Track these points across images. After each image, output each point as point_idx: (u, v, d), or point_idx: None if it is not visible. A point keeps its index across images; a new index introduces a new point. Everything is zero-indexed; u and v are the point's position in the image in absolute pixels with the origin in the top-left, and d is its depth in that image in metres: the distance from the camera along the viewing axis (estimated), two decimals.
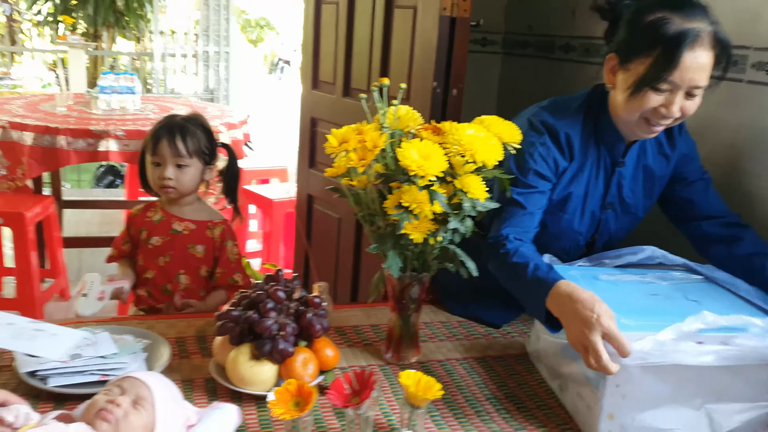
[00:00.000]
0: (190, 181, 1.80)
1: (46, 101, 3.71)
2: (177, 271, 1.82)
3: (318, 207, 2.46)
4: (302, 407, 1.11)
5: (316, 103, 2.40)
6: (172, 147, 1.75)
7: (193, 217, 1.85)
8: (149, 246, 1.82)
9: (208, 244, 1.84)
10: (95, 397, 1.07)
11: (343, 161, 1.31)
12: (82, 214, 4.62)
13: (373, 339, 1.57)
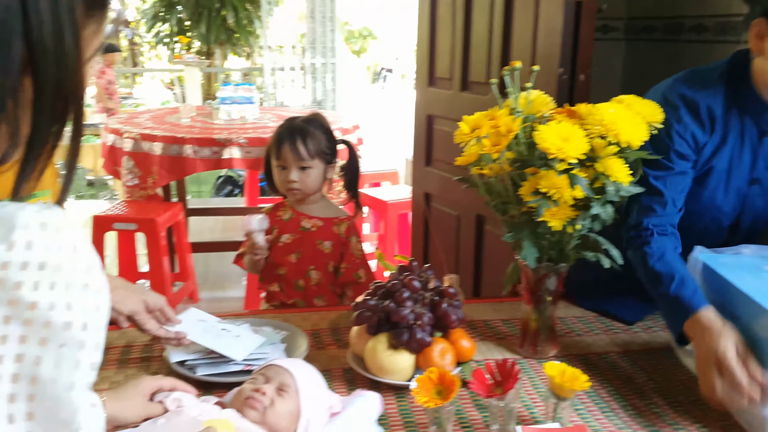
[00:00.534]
0: (314, 181, 1.85)
1: (171, 114, 3.92)
2: (308, 267, 1.86)
3: (435, 205, 2.45)
4: (445, 396, 1.10)
5: (432, 100, 2.40)
6: (294, 151, 1.81)
7: (320, 215, 1.89)
8: (280, 243, 1.87)
9: (335, 240, 1.88)
10: (242, 385, 1.11)
11: (474, 149, 1.29)
12: (204, 221, 4.84)
13: (506, 333, 1.53)
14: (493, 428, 1.14)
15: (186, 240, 3.49)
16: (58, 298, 0.51)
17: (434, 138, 2.40)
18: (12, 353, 0.50)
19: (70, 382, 0.53)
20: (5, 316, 0.49)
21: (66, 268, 0.52)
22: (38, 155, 0.56)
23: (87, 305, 0.54)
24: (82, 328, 0.53)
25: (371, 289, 1.33)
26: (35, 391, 0.51)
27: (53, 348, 0.51)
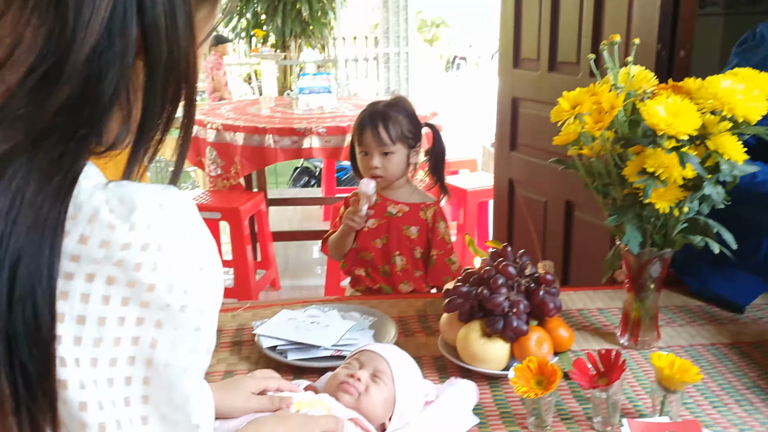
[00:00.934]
0: (397, 167, 1.82)
1: (251, 105, 3.97)
2: (393, 253, 1.84)
3: (520, 191, 2.38)
4: (545, 386, 1.05)
5: (518, 82, 2.33)
6: (376, 136, 1.78)
7: (406, 200, 1.86)
8: (365, 229, 1.85)
9: (422, 225, 1.84)
10: (336, 370, 1.09)
11: (572, 128, 1.23)
12: (283, 211, 4.91)
13: (603, 323, 1.46)
14: (596, 421, 1.08)
15: (268, 229, 3.53)
16: (176, 280, 0.50)
17: (519, 121, 2.32)
18: (129, 335, 0.49)
19: (184, 366, 0.52)
20: (124, 298, 0.48)
21: (184, 250, 0.51)
22: (149, 139, 0.55)
23: (203, 289, 0.52)
24: (198, 311, 0.52)
25: (462, 276, 1.28)
26: (150, 374, 0.50)
27: (169, 331, 0.50)
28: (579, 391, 1.19)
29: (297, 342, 1.32)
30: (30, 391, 0.44)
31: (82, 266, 0.46)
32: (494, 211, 2.57)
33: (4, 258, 0.43)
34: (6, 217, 0.43)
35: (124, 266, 0.47)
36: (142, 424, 0.50)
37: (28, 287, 0.43)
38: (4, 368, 0.43)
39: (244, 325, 1.45)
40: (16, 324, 0.43)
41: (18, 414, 0.43)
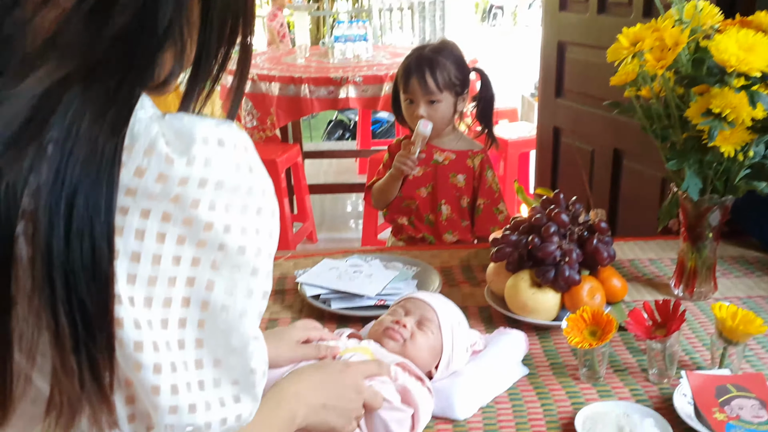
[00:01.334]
0: (443, 116, 1.75)
1: (287, 55, 3.91)
2: (439, 202, 1.79)
3: (566, 140, 2.30)
4: (600, 337, 1.01)
5: (564, 25, 2.22)
6: (423, 84, 1.71)
7: (452, 147, 1.80)
8: (410, 177, 1.79)
9: (469, 173, 1.78)
10: (381, 317, 1.06)
11: (630, 67, 1.16)
12: (318, 164, 4.88)
13: (655, 273, 1.41)
14: (651, 373, 1.04)
15: (304, 181, 3.51)
16: (234, 220, 0.47)
17: (566, 67, 2.23)
18: (184, 276, 0.47)
19: (242, 309, 0.49)
20: (180, 236, 0.46)
21: (242, 189, 0.48)
22: (204, 78, 0.53)
23: (261, 230, 0.50)
24: (255, 253, 0.49)
25: (511, 224, 1.24)
26: (205, 317, 0.48)
27: (226, 273, 0.48)
28: (632, 342, 1.15)
29: (340, 291, 1.29)
30: (89, 329, 0.42)
31: (138, 201, 0.44)
32: (537, 161, 2.50)
33: (61, 190, 0.41)
34: (62, 147, 0.41)
35: (180, 203, 0.45)
36: (196, 368, 0.48)
37: (86, 221, 0.41)
38: (63, 305, 0.41)
39: (286, 275, 1.43)
40: (74, 259, 0.41)
41: (77, 353, 0.42)
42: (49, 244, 0.40)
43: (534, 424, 0.95)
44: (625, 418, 0.91)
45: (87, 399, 0.44)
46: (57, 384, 0.43)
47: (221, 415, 0.50)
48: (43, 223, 0.40)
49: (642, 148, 1.96)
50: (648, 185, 1.96)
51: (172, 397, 0.46)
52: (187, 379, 0.48)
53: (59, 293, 0.40)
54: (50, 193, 0.40)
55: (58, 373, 0.42)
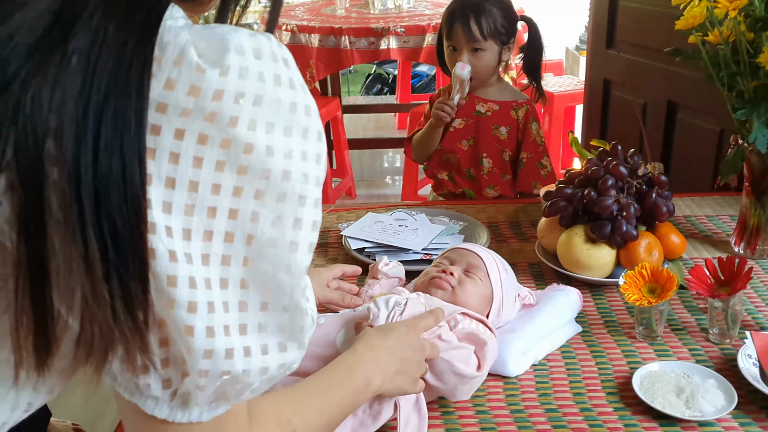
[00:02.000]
0: (487, 65, 1.68)
1: (327, 6, 3.83)
2: (480, 155, 1.73)
3: (617, 93, 2.21)
4: (659, 294, 0.97)
5: None
6: (467, 31, 1.63)
7: (496, 98, 1.73)
8: (451, 129, 1.74)
9: (513, 125, 1.72)
10: (427, 269, 1.04)
11: (697, 10, 1.09)
12: (357, 119, 4.83)
13: (713, 230, 1.35)
14: (712, 332, 1.00)
15: (344, 136, 3.47)
16: (277, 142, 0.42)
17: (618, 16, 2.13)
18: (226, 207, 0.42)
19: (292, 242, 0.45)
20: (219, 162, 0.41)
21: (284, 106, 0.42)
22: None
23: (307, 153, 0.44)
24: (302, 179, 0.44)
25: (565, 177, 1.19)
26: (251, 253, 0.44)
27: (271, 202, 0.43)
28: (689, 300, 1.10)
29: (385, 245, 1.27)
30: (120, 254, 0.38)
31: (170, 119, 0.39)
32: (585, 115, 2.41)
33: (87, 102, 0.37)
34: (88, 54, 0.37)
35: (217, 121, 0.40)
36: (239, 310, 0.45)
37: (116, 135, 0.37)
38: (93, 227, 0.37)
39: (330, 228, 1.41)
40: (104, 176, 0.37)
41: (109, 279, 0.39)
42: (77, 161, 0.36)
43: (589, 383, 0.92)
44: (686, 379, 0.88)
45: (120, 332, 0.40)
46: (88, 314, 0.40)
47: (262, 363, 0.46)
48: (70, 138, 0.36)
49: (698, 101, 1.87)
50: (703, 139, 1.87)
51: (207, 340, 0.43)
52: (225, 321, 0.44)
53: (88, 213, 0.37)
54: (77, 106, 0.36)
55: (89, 301, 0.39)
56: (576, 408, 0.87)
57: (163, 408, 0.47)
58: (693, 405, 0.83)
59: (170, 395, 0.47)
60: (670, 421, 0.83)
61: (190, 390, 0.46)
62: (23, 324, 0.40)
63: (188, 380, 0.45)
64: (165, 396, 0.47)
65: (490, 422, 0.85)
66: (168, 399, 0.47)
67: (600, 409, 0.86)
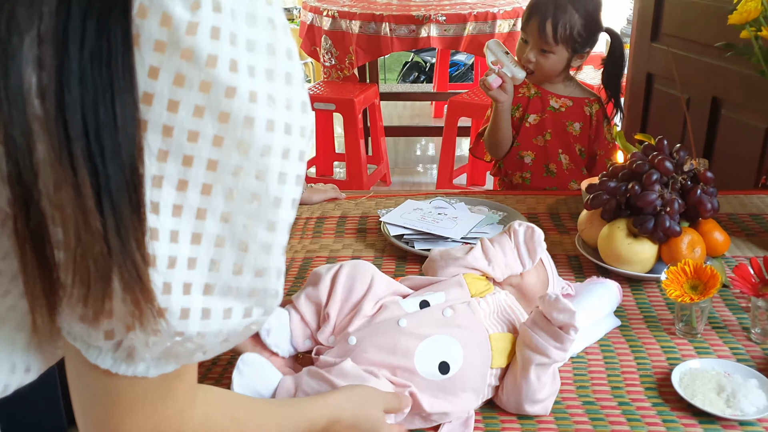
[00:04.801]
0: (552, 67, 1.62)
1: None
2: (557, 150, 1.69)
3: (659, 87, 2.18)
4: (702, 291, 0.96)
5: None
6: (541, 30, 1.58)
7: (568, 94, 1.68)
8: (526, 124, 1.69)
9: (586, 121, 1.67)
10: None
11: (752, 4, 1.07)
12: (393, 107, 4.83)
13: (757, 229, 1.33)
14: (754, 332, 0.99)
15: (380, 123, 3.47)
16: (259, 86, 0.39)
17: (664, 8, 2.09)
18: (204, 156, 0.39)
19: (276, 197, 0.42)
20: (197, 106, 0.38)
21: (263, 47, 0.40)
22: None
23: (291, 101, 0.41)
24: (285, 130, 0.41)
25: (609, 170, 1.18)
26: (230, 208, 0.41)
27: (255, 155, 0.40)
28: (731, 299, 1.09)
29: (424, 232, 1.28)
30: (111, 181, 0.36)
31: (144, 54, 0.36)
32: (627, 109, 2.38)
33: (67, 24, 0.35)
34: None
35: (194, 59, 0.37)
36: (209, 269, 0.42)
37: (100, 58, 0.35)
38: (82, 152, 0.35)
39: (368, 213, 1.43)
40: (88, 101, 0.35)
41: (101, 211, 0.36)
42: (60, 85, 0.34)
43: (627, 377, 0.91)
44: (726, 378, 0.87)
45: (116, 264, 0.38)
46: (81, 249, 0.37)
47: (221, 327, 0.44)
48: (53, 62, 0.34)
49: (744, 97, 1.84)
50: (748, 136, 1.84)
51: (161, 296, 0.40)
52: (187, 278, 0.41)
53: (76, 140, 0.35)
54: (57, 19, 0.34)
55: (82, 236, 0.37)
56: (614, 401, 0.87)
57: (106, 358, 0.45)
58: (734, 404, 0.83)
59: (113, 346, 0.44)
60: (709, 419, 0.83)
61: (135, 345, 0.43)
62: (29, 267, 0.39)
63: (133, 335, 0.42)
64: (108, 346, 0.44)
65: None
66: (111, 350, 0.44)
67: (638, 404, 0.86)
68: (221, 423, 0.57)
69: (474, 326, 0.86)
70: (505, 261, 0.95)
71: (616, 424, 0.83)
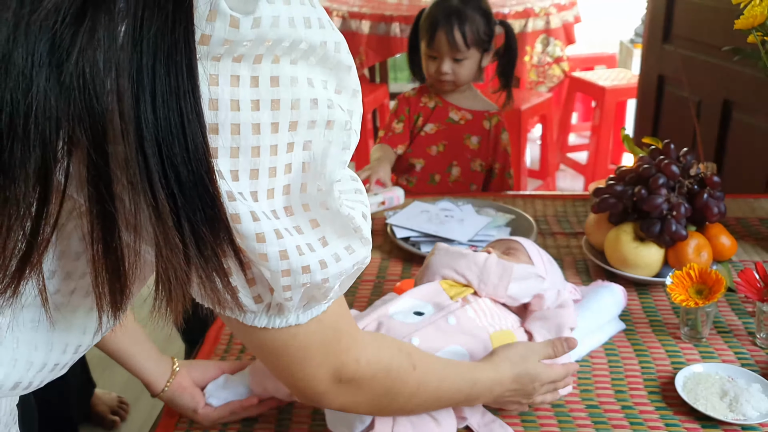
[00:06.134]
0: (468, 72, 1.66)
1: None
2: (451, 162, 1.71)
3: (671, 89, 2.17)
4: (707, 296, 0.96)
5: None
6: (450, 40, 1.59)
7: (469, 106, 1.71)
8: (422, 133, 1.72)
9: (484, 135, 1.71)
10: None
11: (758, 9, 1.07)
12: None
13: (766, 234, 1.33)
14: (759, 336, 0.99)
15: None
16: (315, 74, 0.45)
17: (676, 10, 2.08)
18: (284, 142, 0.44)
19: (340, 161, 0.48)
20: (273, 101, 0.43)
21: (316, 46, 0.44)
22: None
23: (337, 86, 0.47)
24: (328, 105, 0.46)
25: (616, 174, 1.18)
26: (306, 179, 0.47)
27: (319, 131, 0.46)
28: (737, 303, 1.09)
29: (431, 234, 1.28)
30: (189, 202, 0.40)
31: (203, 63, 0.40)
32: (638, 111, 2.37)
33: (141, 58, 0.37)
34: (134, 14, 0.37)
35: (263, 62, 0.42)
36: (311, 228, 0.49)
37: (170, 89, 0.38)
38: (160, 179, 0.39)
39: (375, 216, 1.43)
40: (164, 129, 0.38)
41: (180, 228, 0.40)
42: (138, 118, 0.38)
43: (631, 381, 0.92)
44: (730, 382, 0.87)
45: (196, 274, 0.43)
46: (162, 261, 0.42)
47: (338, 269, 0.50)
48: (129, 96, 0.37)
49: (756, 100, 1.83)
50: (759, 140, 1.83)
51: (281, 262, 0.46)
52: (297, 242, 0.47)
53: (154, 166, 0.38)
54: (131, 65, 0.37)
55: (163, 250, 0.41)
56: (617, 405, 0.87)
57: (261, 318, 0.53)
58: (736, 408, 0.83)
59: (264, 308, 0.52)
60: (712, 423, 0.83)
61: (280, 301, 0.51)
62: (101, 273, 0.42)
63: (276, 294, 0.50)
64: (260, 309, 0.52)
65: (530, 415, 0.86)
66: (264, 311, 0.52)
67: (641, 408, 0.87)
68: (396, 356, 0.66)
69: (476, 329, 0.87)
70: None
71: (619, 428, 0.83)
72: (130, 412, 1.93)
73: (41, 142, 0.37)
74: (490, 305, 0.93)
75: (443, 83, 1.68)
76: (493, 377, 0.77)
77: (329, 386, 0.60)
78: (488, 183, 1.76)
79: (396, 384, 0.66)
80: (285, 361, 0.57)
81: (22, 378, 0.51)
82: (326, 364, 0.58)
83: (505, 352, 0.79)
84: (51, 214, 0.39)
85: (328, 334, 0.57)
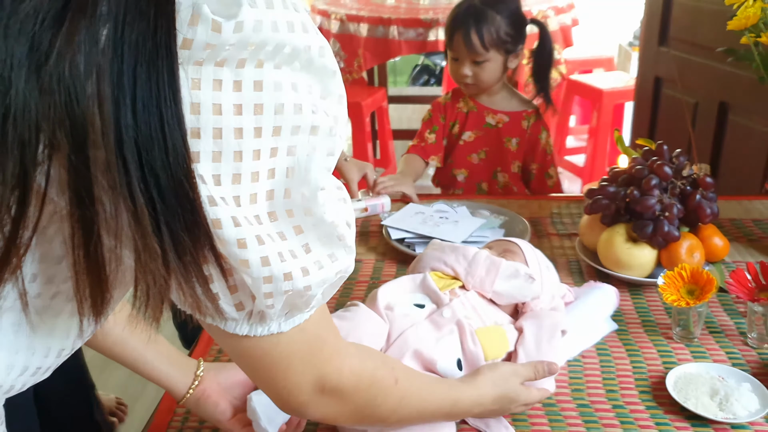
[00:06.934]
0: (490, 76, 1.60)
1: None
2: (495, 169, 1.68)
3: (667, 91, 2.18)
4: (698, 296, 0.97)
5: None
6: (467, 42, 1.54)
7: (505, 108, 1.66)
8: (461, 142, 1.68)
9: (522, 136, 1.65)
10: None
11: (751, 11, 1.07)
12: (402, 109, 4.83)
13: (759, 235, 1.33)
14: (750, 336, 1.00)
15: (389, 126, 3.49)
16: (301, 79, 0.45)
17: (672, 12, 2.09)
18: (267, 146, 0.44)
19: (324, 167, 0.47)
20: (256, 105, 0.42)
21: (300, 50, 0.44)
22: None
23: (313, 87, 0.46)
24: (311, 110, 0.46)
25: (609, 175, 1.19)
26: (290, 184, 0.46)
27: (304, 136, 0.45)
28: (730, 304, 1.10)
29: (426, 236, 1.29)
30: (169, 207, 0.40)
31: (186, 68, 0.40)
32: (635, 113, 2.37)
33: (122, 63, 0.37)
34: (115, 18, 0.37)
35: (246, 67, 0.42)
36: (295, 234, 0.48)
37: (150, 94, 0.38)
38: (139, 183, 0.39)
39: (371, 217, 1.44)
40: (144, 134, 0.38)
41: (159, 234, 0.40)
42: (118, 122, 0.37)
43: (622, 381, 0.92)
44: (720, 381, 0.88)
45: (175, 279, 0.43)
46: (140, 266, 0.41)
47: (320, 276, 0.50)
48: (110, 101, 0.37)
49: (751, 102, 1.83)
50: (755, 141, 1.84)
51: (263, 268, 0.46)
52: (279, 249, 0.47)
53: (133, 171, 0.38)
54: (111, 69, 0.37)
55: (141, 255, 0.41)
56: (608, 404, 0.88)
57: (243, 326, 0.52)
58: (726, 407, 0.84)
59: (246, 315, 0.51)
60: (702, 422, 0.83)
61: (261, 308, 0.50)
62: (82, 278, 0.42)
63: (257, 302, 0.49)
64: (241, 316, 0.51)
65: (521, 414, 0.86)
66: (246, 318, 0.51)
67: (632, 407, 0.87)
68: (380, 368, 0.66)
69: (465, 322, 0.89)
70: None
71: (610, 427, 0.84)
72: (128, 414, 1.93)
73: (20, 145, 0.37)
74: (479, 300, 0.93)
75: (467, 86, 1.63)
76: (475, 398, 0.77)
77: (311, 396, 0.59)
78: (528, 184, 1.70)
79: (378, 397, 0.66)
80: (266, 370, 0.57)
81: (2, 381, 0.51)
82: (308, 373, 0.58)
83: (489, 372, 0.80)
84: (30, 217, 0.39)
85: (310, 343, 0.57)
